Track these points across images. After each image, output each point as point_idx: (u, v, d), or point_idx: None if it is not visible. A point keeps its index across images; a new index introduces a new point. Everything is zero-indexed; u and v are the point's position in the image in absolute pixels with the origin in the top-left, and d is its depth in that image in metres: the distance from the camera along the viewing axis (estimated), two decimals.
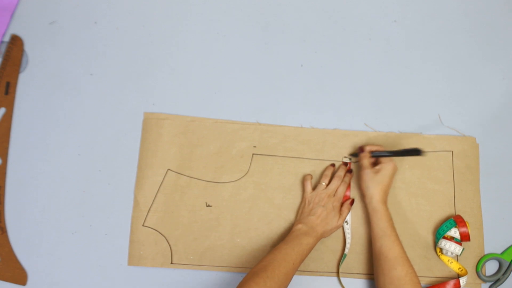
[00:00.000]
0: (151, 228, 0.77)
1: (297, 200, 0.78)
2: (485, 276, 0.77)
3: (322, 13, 0.88)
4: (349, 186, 0.78)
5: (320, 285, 0.76)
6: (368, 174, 0.75)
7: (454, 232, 0.75)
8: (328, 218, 0.74)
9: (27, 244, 0.76)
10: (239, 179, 0.79)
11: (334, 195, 0.76)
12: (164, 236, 0.76)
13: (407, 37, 0.87)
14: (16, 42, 0.83)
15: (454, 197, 0.79)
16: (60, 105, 0.81)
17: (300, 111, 0.83)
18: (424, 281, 0.76)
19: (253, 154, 0.80)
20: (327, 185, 0.77)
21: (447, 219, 0.78)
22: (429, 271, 0.76)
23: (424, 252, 0.77)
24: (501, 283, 0.77)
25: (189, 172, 0.79)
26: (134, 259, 0.76)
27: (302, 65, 0.85)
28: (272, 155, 0.80)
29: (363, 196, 0.76)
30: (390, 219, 0.73)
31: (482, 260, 0.77)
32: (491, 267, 0.79)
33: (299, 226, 0.72)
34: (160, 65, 0.84)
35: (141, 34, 0.85)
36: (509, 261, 0.78)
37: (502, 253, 0.79)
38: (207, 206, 0.78)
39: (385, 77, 0.85)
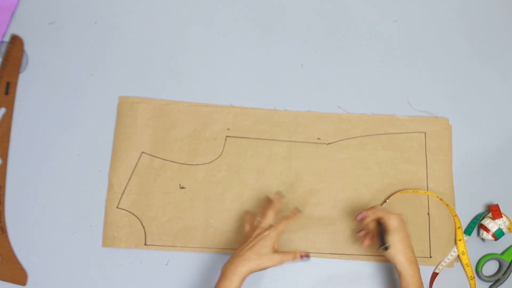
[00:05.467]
0: (125, 210, 0.77)
1: (270, 182, 0.79)
2: (485, 276, 0.77)
3: (322, 13, 0.88)
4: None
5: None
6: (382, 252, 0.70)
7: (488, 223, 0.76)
8: (256, 249, 0.67)
9: (27, 244, 0.76)
10: (212, 161, 0.80)
11: (270, 227, 0.69)
12: (138, 218, 0.77)
13: (407, 37, 0.87)
14: (16, 42, 0.83)
15: (427, 177, 0.80)
16: (60, 105, 0.81)
17: (299, 110, 0.83)
18: None
19: (227, 136, 0.81)
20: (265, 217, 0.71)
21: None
22: None
23: None
24: (501, 283, 0.77)
25: (163, 155, 0.80)
26: (108, 240, 0.76)
27: (302, 65, 0.85)
28: (246, 137, 0.81)
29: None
30: (418, 286, 0.67)
31: (482, 260, 0.78)
32: (491, 267, 0.79)
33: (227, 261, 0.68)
34: (160, 65, 0.84)
35: (141, 34, 0.85)
36: (509, 261, 0.78)
37: (502, 253, 0.79)
38: (180, 188, 0.79)
39: (385, 77, 0.85)
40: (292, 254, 0.69)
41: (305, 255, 0.70)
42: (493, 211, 0.76)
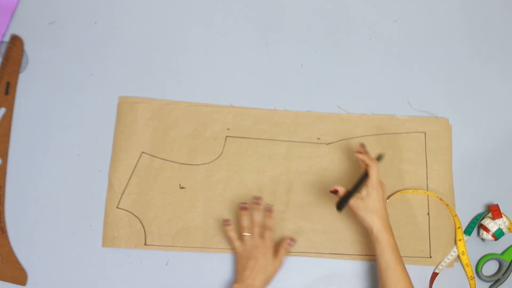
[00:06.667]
0: (125, 210, 0.77)
1: (270, 182, 0.79)
2: (485, 276, 0.77)
3: (322, 13, 0.88)
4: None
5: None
6: (356, 203, 0.70)
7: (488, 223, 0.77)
8: (262, 268, 0.71)
9: (27, 244, 0.76)
10: (212, 161, 0.80)
11: (262, 241, 0.73)
12: (138, 218, 0.77)
13: (407, 37, 0.87)
14: (16, 42, 0.83)
15: (427, 177, 0.80)
16: (60, 105, 0.81)
17: (299, 110, 0.83)
18: None
19: (227, 136, 0.81)
20: (252, 233, 0.74)
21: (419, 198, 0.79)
22: (401, 251, 0.76)
23: (396, 232, 0.77)
24: (501, 283, 0.77)
25: (163, 155, 0.80)
26: (108, 240, 0.77)
27: (302, 65, 0.85)
28: (246, 137, 0.81)
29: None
30: (395, 249, 0.69)
31: (482, 260, 0.78)
32: (491, 267, 0.79)
33: (235, 286, 0.70)
34: (160, 65, 0.84)
35: (141, 34, 0.85)
36: (509, 261, 0.78)
37: (502, 253, 0.79)
38: (180, 188, 0.79)
39: (385, 77, 0.85)
40: (284, 249, 0.74)
41: (291, 241, 0.75)
42: (493, 211, 0.76)
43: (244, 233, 0.74)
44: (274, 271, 0.73)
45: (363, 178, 0.72)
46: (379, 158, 0.75)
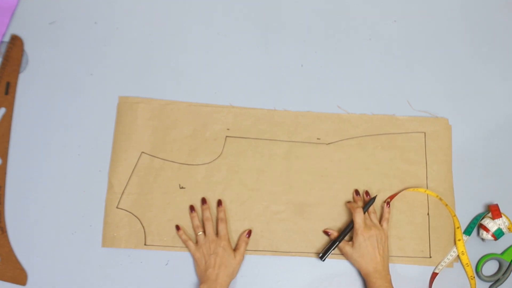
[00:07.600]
0: (125, 210, 0.77)
1: (270, 182, 0.79)
2: (485, 276, 0.77)
3: (322, 13, 0.88)
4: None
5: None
6: (345, 249, 0.74)
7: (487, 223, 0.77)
8: (224, 261, 0.72)
9: (27, 244, 0.76)
10: (212, 161, 0.80)
11: (217, 237, 0.75)
12: (137, 218, 0.77)
13: (407, 37, 0.87)
14: (16, 42, 0.83)
15: (427, 177, 0.80)
16: (60, 105, 0.81)
17: (299, 110, 0.83)
18: (395, 261, 0.77)
19: (227, 136, 0.81)
20: (204, 232, 0.76)
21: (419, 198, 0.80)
22: (401, 251, 0.78)
23: (396, 232, 0.78)
24: (501, 283, 0.77)
25: (163, 155, 0.80)
26: (108, 240, 0.76)
27: (302, 65, 0.85)
28: (246, 137, 0.81)
29: None
30: None
31: (482, 260, 0.78)
32: (491, 267, 0.79)
33: (202, 287, 0.71)
34: (160, 65, 0.84)
35: (141, 34, 0.85)
36: (509, 261, 0.78)
37: (502, 253, 0.79)
38: (180, 188, 0.79)
39: (385, 77, 0.85)
40: (243, 242, 0.75)
41: (248, 233, 0.76)
42: (493, 211, 0.76)
43: (198, 233, 0.75)
44: (237, 265, 0.73)
45: (349, 226, 0.75)
46: (374, 198, 0.77)
